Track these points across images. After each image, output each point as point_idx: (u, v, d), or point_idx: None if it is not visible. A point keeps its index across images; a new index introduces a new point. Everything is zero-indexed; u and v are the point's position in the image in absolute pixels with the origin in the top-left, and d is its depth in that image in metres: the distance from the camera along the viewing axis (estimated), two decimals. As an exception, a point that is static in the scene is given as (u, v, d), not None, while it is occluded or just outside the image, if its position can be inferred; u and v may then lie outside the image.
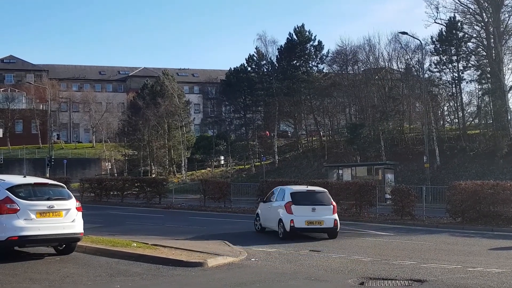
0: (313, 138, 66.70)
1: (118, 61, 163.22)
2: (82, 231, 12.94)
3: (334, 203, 18.58)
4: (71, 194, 13.25)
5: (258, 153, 65.30)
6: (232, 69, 69.55)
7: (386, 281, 10.43)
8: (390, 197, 27.82)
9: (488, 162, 45.62)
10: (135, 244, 14.09)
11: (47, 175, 51.50)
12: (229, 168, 65.60)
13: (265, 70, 68.61)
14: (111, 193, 40.66)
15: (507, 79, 51.14)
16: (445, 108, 58.95)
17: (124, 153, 69.07)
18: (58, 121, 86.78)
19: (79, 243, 13.31)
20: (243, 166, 67.26)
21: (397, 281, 10.38)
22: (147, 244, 14.29)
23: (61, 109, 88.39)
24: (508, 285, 10.17)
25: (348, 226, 22.37)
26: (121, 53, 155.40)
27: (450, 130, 56.42)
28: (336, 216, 18.24)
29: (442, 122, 58.72)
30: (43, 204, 12.21)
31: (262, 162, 59.04)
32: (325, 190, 19.79)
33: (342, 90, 60.43)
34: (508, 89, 49.99)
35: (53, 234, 12.24)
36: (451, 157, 48.67)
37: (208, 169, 66.45)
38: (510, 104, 50.73)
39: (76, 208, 12.76)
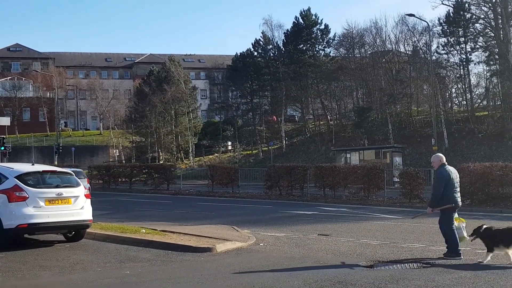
0: (321, 122, 66.57)
1: (124, 48, 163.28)
2: (91, 218, 12.99)
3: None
4: (80, 181, 13.30)
5: (266, 138, 65.27)
6: (239, 54, 69.22)
7: (395, 264, 10.42)
8: (398, 180, 27.79)
9: (496, 143, 45.39)
10: (144, 230, 14.14)
11: (55, 162, 51.77)
12: (236, 153, 65.66)
13: (272, 54, 68.23)
14: (119, 180, 40.92)
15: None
16: (453, 90, 58.67)
17: (131, 140, 69.23)
18: (65, 108, 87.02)
19: (88, 230, 13.36)
20: (250, 151, 67.30)
21: (406, 264, 10.37)
22: (156, 230, 14.33)
23: (68, 96, 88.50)
24: (517, 266, 10.12)
25: (356, 210, 22.40)
26: (127, 40, 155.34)
27: (458, 112, 56.11)
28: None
29: (450, 104, 58.43)
30: (52, 192, 12.26)
31: (270, 147, 59.04)
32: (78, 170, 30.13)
33: (349, 74, 60.11)
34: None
35: (62, 222, 12.29)
36: (460, 139, 48.46)
37: (216, 154, 66.56)
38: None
39: (85, 195, 12.81)
